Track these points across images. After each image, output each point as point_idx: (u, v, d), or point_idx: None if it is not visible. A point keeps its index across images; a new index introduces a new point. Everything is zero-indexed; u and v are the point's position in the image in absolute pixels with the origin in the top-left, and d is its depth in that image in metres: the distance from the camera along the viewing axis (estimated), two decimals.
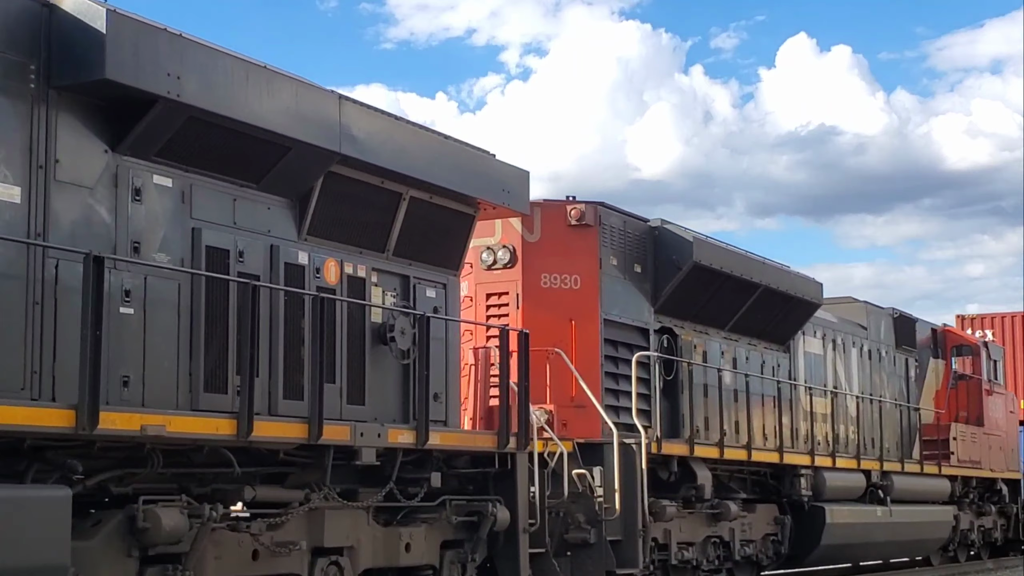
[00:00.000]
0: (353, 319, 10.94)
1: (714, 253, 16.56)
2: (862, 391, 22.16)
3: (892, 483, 21.52)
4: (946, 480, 24.02)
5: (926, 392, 25.42)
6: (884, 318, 23.63)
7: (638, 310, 15.79)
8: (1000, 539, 27.73)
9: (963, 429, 25.25)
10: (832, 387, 21.02)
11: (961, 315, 35.49)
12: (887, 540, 21.27)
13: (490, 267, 14.92)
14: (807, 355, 20.37)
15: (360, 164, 10.82)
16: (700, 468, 15.86)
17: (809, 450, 18.85)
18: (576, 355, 14.67)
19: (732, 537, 16.90)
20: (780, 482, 18.45)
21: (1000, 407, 27.61)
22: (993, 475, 26.67)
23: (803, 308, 19.26)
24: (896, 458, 22.20)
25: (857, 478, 20.34)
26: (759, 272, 17.74)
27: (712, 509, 16.34)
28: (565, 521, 13.87)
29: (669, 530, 15.36)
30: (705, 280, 16.56)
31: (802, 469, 18.43)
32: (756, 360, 18.65)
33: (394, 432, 10.71)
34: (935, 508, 23.44)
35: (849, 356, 21.91)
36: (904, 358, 24.30)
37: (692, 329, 17.01)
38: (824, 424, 20.02)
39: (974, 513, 26.14)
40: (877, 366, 22.99)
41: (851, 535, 19.74)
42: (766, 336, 18.93)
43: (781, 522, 18.22)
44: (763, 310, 18.34)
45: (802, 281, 19.17)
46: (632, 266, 15.71)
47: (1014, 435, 28.55)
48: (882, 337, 23.32)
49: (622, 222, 15.61)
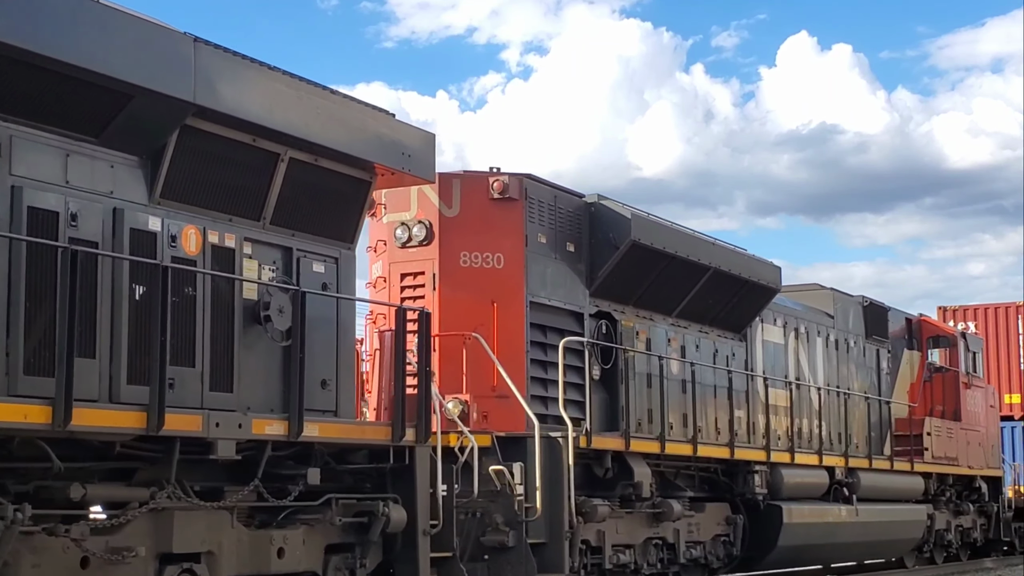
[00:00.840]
0: (219, 295, 9.68)
1: (655, 231, 15.30)
2: (828, 383, 20.92)
3: (859, 480, 20.28)
4: (919, 477, 22.78)
5: (899, 385, 24.17)
6: (853, 306, 22.38)
7: (571, 292, 14.54)
8: (980, 539, 26.48)
9: (938, 424, 24.01)
10: (794, 378, 19.78)
11: (943, 306, 34.26)
12: (853, 541, 20.03)
13: (405, 245, 13.66)
14: (766, 344, 19.13)
15: (224, 118, 9.56)
16: (638, 464, 14.61)
17: (764, 445, 17.59)
18: (498, 341, 13.43)
19: (677, 539, 15.65)
20: (733, 479, 17.20)
21: (979, 401, 26.36)
22: (971, 472, 25.42)
23: (759, 293, 18.01)
24: (864, 454, 20.96)
25: (819, 475, 19.10)
26: (708, 253, 16.48)
27: (653, 509, 15.10)
28: (483, 522, 12.63)
29: (603, 531, 14.12)
30: (646, 261, 15.31)
31: (756, 465, 17.18)
32: (708, 349, 17.40)
33: (260, 422, 9.45)
34: (907, 507, 22.21)
35: (814, 346, 20.66)
36: (875, 349, 23.05)
37: (634, 314, 15.76)
38: (784, 418, 18.77)
39: (951, 512, 24.91)
40: (845, 357, 21.75)
41: (812, 536, 18.49)
42: (719, 323, 17.68)
43: (733, 522, 16.97)
44: (714, 295, 17.09)
45: (758, 265, 17.92)
46: (564, 245, 14.46)
47: (994, 430, 27.31)
48: (851, 326, 22.08)
49: (552, 196, 14.35)
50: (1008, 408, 33.03)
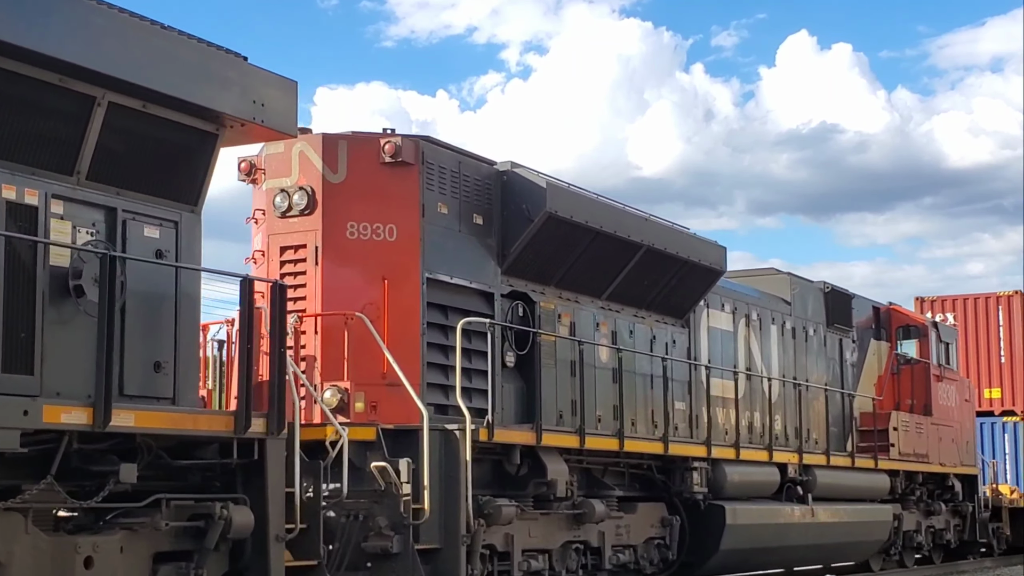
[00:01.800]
0: (15, 260, 8.26)
1: (574, 203, 13.85)
2: (783, 374, 19.51)
3: (815, 478, 18.85)
4: (884, 475, 21.35)
5: (866, 377, 22.76)
6: (813, 293, 20.95)
7: (479, 270, 13.10)
8: (954, 540, 25.07)
9: (906, 418, 22.58)
10: (744, 368, 18.36)
11: (920, 297, 32.82)
12: (808, 543, 18.60)
13: (284, 214, 12.21)
14: (712, 331, 17.71)
15: (20, 52, 8.14)
16: (553, 460, 13.18)
17: (705, 440, 16.16)
18: (389, 322, 11.99)
19: (602, 542, 14.23)
20: (670, 477, 15.78)
21: (952, 395, 24.94)
22: (943, 470, 24.00)
23: (702, 276, 16.58)
24: (823, 450, 19.53)
25: (768, 472, 17.67)
26: (639, 230, 15.04)
27: (574, 509, 13.68)
28: (366, 526, 11.21)
29: (511, 535, 12.69)
30: (567, 236, 13.88)
31: (695, 462, 15.75)
32: (644, 335, 15.98)
33: (54, 409, 8.02)
34: (870, 507, 20.78)
35: (767, 334, 19.24)
36: (838, 339, 21.63)
37: (556, 296, 14.33)
38: (732, 410, 17.35)
39: (922, 512, 23.50)
40: (803, 346, 20.32)
41: (760, 538, 17.07)
42: (658, 307, 16.25)
43: (669, 524, 15.54)
44: (650, 276, 15.67)
45: (699, 244, 16.48)
46: (470, 216, 13.02)
47: (969, 426, 25.89)
48: (810, 314, 20.65)
49: (456, 162, 12.90)
50: (988, 403, 31.61)
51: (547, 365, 13.96)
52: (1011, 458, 31.19)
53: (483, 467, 12.84)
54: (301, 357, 11.87)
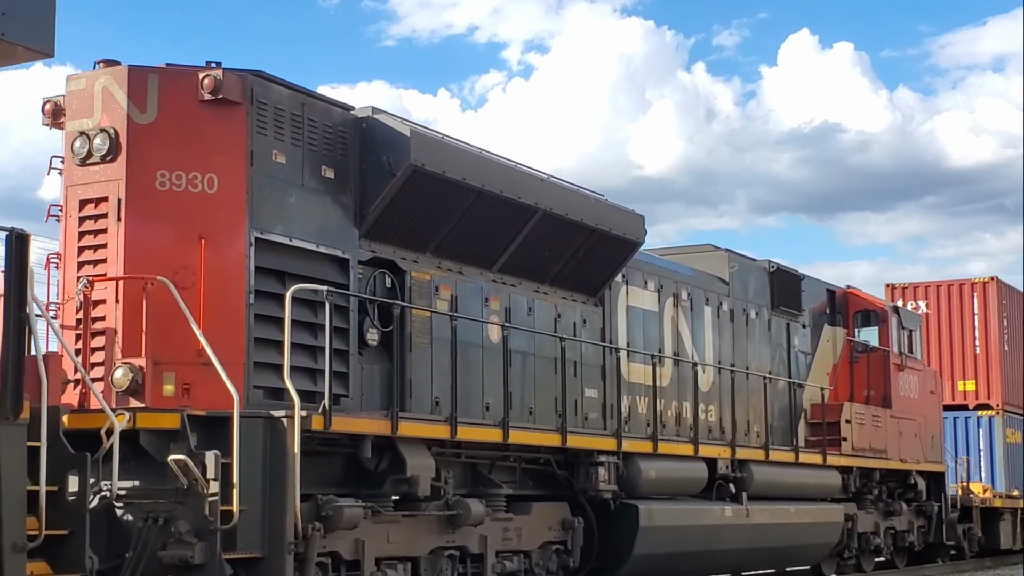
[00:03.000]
0: None
1: (447, 156, 12.00)
2: (719, 360, 17.68)
3: (751, 475, 17.02)
4: (835, 472, 19.52)
5: (818, 366, 20.93)
6: (755, 272, 19.12)
7: (329, 231, 11.24)
8: (918, 543, 23.23)
9: (860, 410, 20.76)
10: (671, 353, 16.54)
11: (891, 284, 31.03)
12: (742, 546, 16.76)
13: (84, 161, 10.34)
14: (632, 311, 15.88)
15: None
16: (416, 453, 11.33)
17: (615, 431, 14.31)
18: (205, 289, 10.16)
19: (484, 548, 12.40)
20: (573, 473, 13.95)
21: (915, 385, 23.11)
22: (904, 467, 22.15)
23: (615, 247, 14.75)
24: (762, 444, 17.69)
25: (694, 468, 15.82)
26: (534, 192, 13.21)
27: (447, 510, 11.85)
28: (165, 531, 9.37)
29: (361, 541, 10.85)
30: (440, 195, 12.04)
31: (602, 456, 13.90)
32: (546, 313, 14.15)
33: None
34: (818, 506, 18.95)
35: (700, 315, 17.41)
36: (785, 323, 19.79)
37: (434, 265, 12.50)
38: (656, 399, 15.49)
39: (881, 513, 21.68)
40: (743, 330, 18.50)
41: (682, 541, 15.24)
42: (564, 282, 14.43)
43: (571, 526, 13.70)
44: (551, 246, 13.84)
45: (611, 212, 14.64)
46: (318, 169, 11.16)
47: (935, 419, 24.05)
48: (752, 295, 18.82)
49: (298, 104, 11.02)
50: (962, 396, 29.85)
51: (420, 345, 12.14)
52: (985, 455, 29.40)
53: (332, 462, 11.03)
54: (99, 330, 10.03)
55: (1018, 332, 30.80)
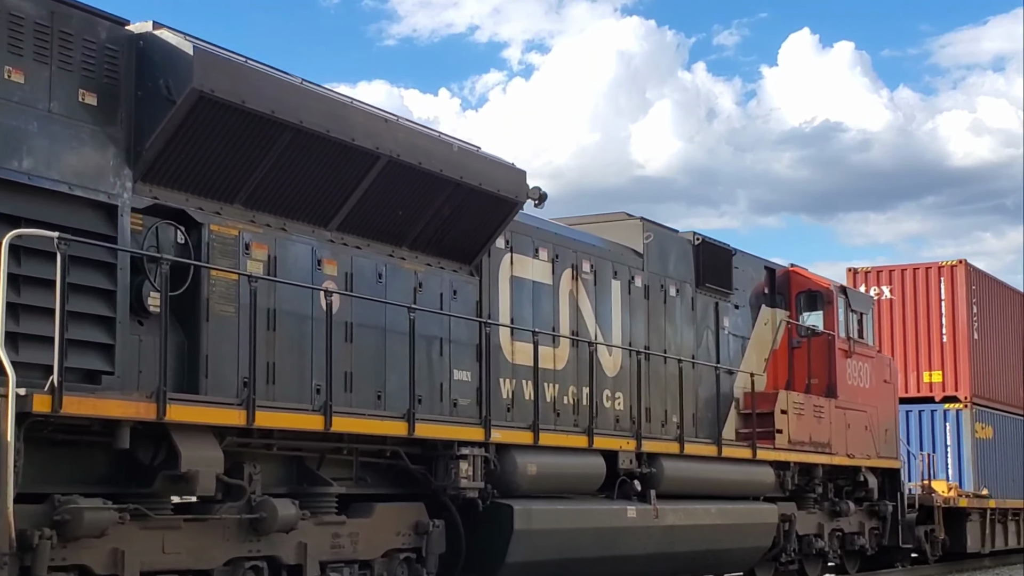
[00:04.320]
0: None
1: (249, 84, 9.91)
2: (631, 341, 15.65)
3: (661, 471, 15.00)
4: (768, 468, 17.50)
5: (754, 350, 18.90)
6: (677, 245, 17.08)
7: (89, 170, 9.14)
8: (871, 546, 21.20)
9: (799, 400, 18.73)
10: (569, 331, 14.51)
11: (853, 268, 29.00)
12: (650, 552, 14.75)
13: None
14: (519, 282, 13.84)
15: None
16: (196, 444, 9.23)
17: (483, 418, 12.25)
18: None
19: (303, 557, 10.35)
20: (432, 469, 11.92)
21: (866, 374, 21.08)
22: (852, 462, 20.13)
23: (487, 207, 12.71)
24: (677, 436, 15.65)
25: (589, 463, 13.78)
26: (372, 134, 11.14)
27: (251, 513, 9.80)
28: None
29: (120, 551, 8.80)
30: (245, 132, 9.98)
31: (464, 448, 11.86)
32: (403, 281, 12.10)
33: None
34: (746, 506, 16.93)
35: (606, 291, 15.37)
36: (713, 302, 17.77)
37: (246, 219, 10.44)
38: (536, 382, 13.43)
39: (826, 513, 19.65)
40: (661, 309, 16.46)
41: (570, 546, 13.22)
42: (428, 246, 12.39)
43: (425, 530, 11.66)
44: (405, 202, 11.79)
45: (481, 164, 12.59)
46: (75, 93, 9.06)
47: (890, 411, 22.01)
48: (671, 270, 16.78)
49: (45, 11, 8.87)
50: (928, 388, 27.80)
51: (222, 314, 10.08)
52: (952, 451, 27.37)
53: (88, 455, 8.97)
54: None
55: (989, 319, 28.74)
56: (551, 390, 14.08)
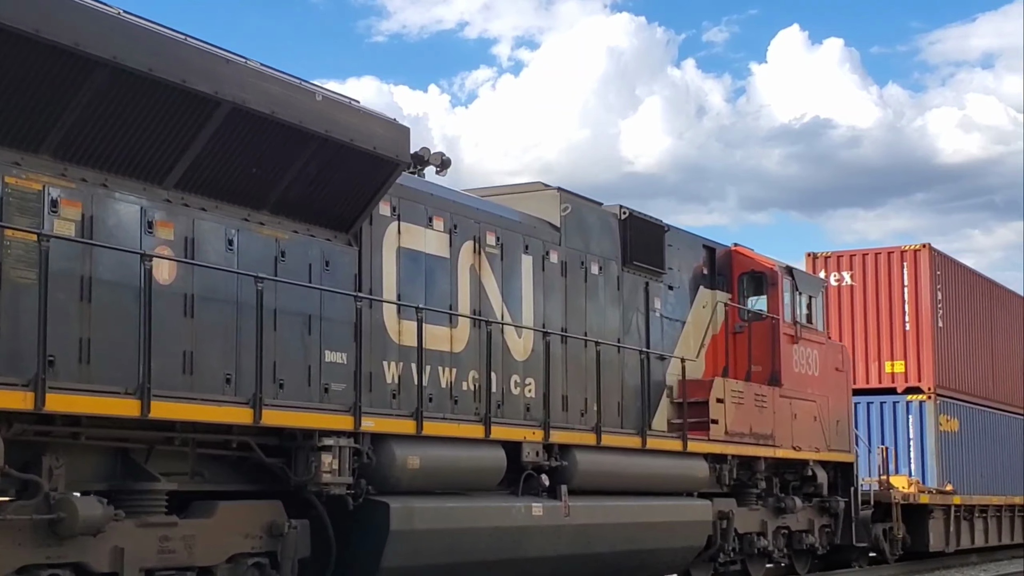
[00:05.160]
0: None
1: (46, 10, 8.47)
2: (545, 322, 14.26)
3: (573, 464, 13.63)
4: (701, 461, 16.13)
5: (691, 334, 17.51)
6: (600, 218, 15.68)
7: None
8: (822, 545, 19.86)
9: (738, 388, 17.35)
10: (470, 310, 13.11)
11: (812, 252, 27.62)
12: (561, 553, 13.37)
13: None
14: (407, 254, 12.43)
15: None
16: None
17: (351, 406, 10.82)
18: None
19: (120, 565, 8.91)
20: (291, 462, 10.50)
21: (815, 361, 19.72)
22: (798, 455, 18.77)
23: (362, 166, 11.27)
24: (594, 426, 14.25)
25: (485, 456, 12.37)
26: (210, 76, 9.69)
27: (45, 513, 8.37)
28: None
29: None
30: (44, 69, 8.55)
31: (326, 438, 10.44)
32: (259, 248, 10.67)
33: None
34: (674, 503, 15.55)
35: (515, 266, 13.97)
36: (643, 282, 16.38)
37: (56, 172, 8.99)
38: (420, 365, 12.00)
39: (770, 510, 18.30)
40: (580, 288, 15.07)
41: (462, 549, 11.82)
42: (291, 210, 10.96)
43: (279, 531, 10.23)
44: (257, 158, 10.36)
45: (352, 117, 11.13)
46: None
47: (842, 401, 20.65)
48: (593, 246, 15.39)
49: None
50: (890, 378, 26.42)
51: (20, 282, 8.65)
52: (915, 444, 26.00)
53: None
54: None
55: (954, 306, 27.39)
56: (447, 375, 12.68)
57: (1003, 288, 30.98)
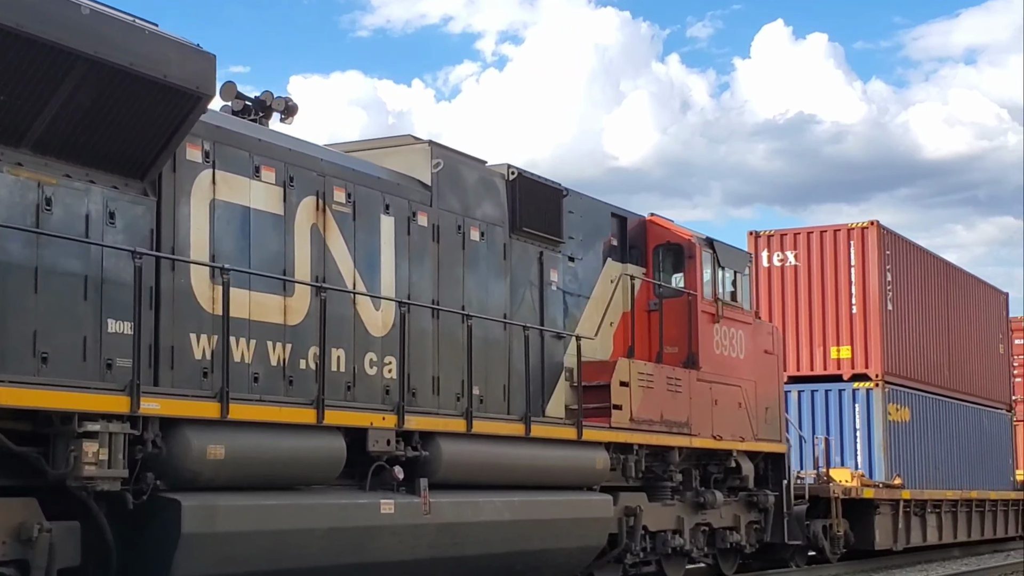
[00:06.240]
0: None
1: None
2: (411, 293, 12.45)
3: (438, 454, 11.83)
4: (600, 451, 14.35)
5: (596, 311, 15.73)
6: (482, 179, 13.84)
7: None
8: (750, 543, 18.12)
9: (647, 371, 15.57)
10: (312, 277, 11.28)
11: (754, 231, 25.87)
12: (420, 556, 11.56)
13: None
14: (224, 208, 10.58)
15: None
16: None
17: (127, 385, 8.97)
18: None
19: None
20: (50, 450, 8.68)
21: (740, 342, 17.95)
22: (720, 445, 17.02)
23: (153, 99, 9.41)
24: (468, 410, 12.43)
25: (318, 445, 10.54)
26: None
27: None
28: None
29: None
30: None
31: (89, 422, 8.60)
32: (13, 194, 8.81)
33: None
34: (566, 497, 13.77)
35: (372, 229, 12.14)
36: (537, 252, 14.58)
37: None
38: (224, 338, 10.18)
39: (688, 505, 16.56)
40: (457, 256, 13.25)
41: (285, 553, 10.00)
42: (59, 149, 9.10)
43: (29, 535, 8.40)
44: (2, 82, 8.53)
45: (137, 38, 9.27)
46: None
47: (772, 386, 18.85)
48: (474, 209, 13.57)
49: None
50: (836, 364, 24.71)
51: None
52: (862, 434, 24.27)
53: None
54: None
55: (905, 288, 25.68)
56: (279, 351, 10.86)
57: (959, 270, 29.29)
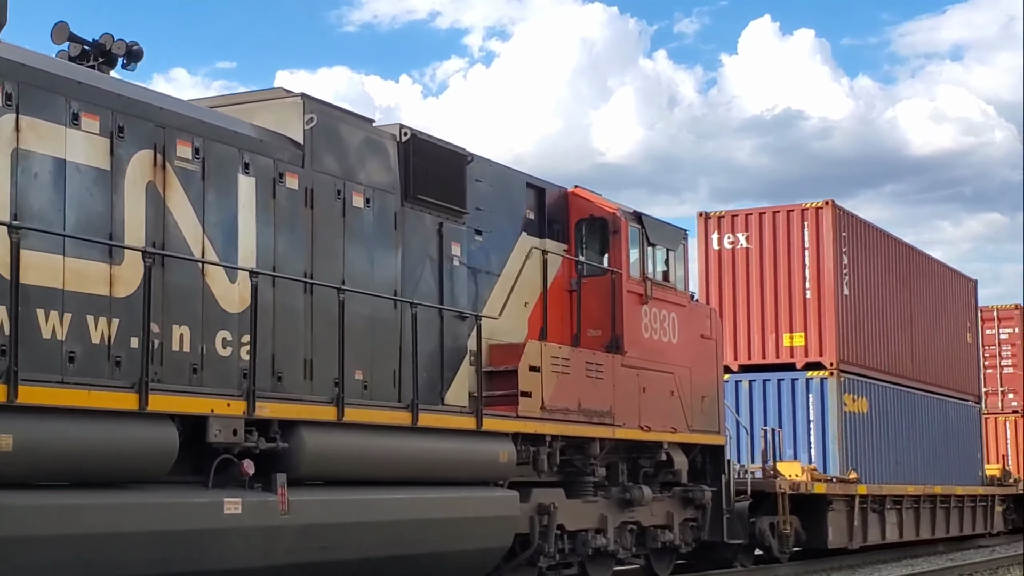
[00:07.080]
0: None
1: None
2: (276, 265, 11.00)
3: (301, 446, 10.40)
4: (506, 442, 12.95)
5: (506, 289, 14.30)
6: (367, 139, 12.36)
7: None
8: (686, 542, 16.74)
9: (561, 355, 14.17)
10: (149, 243, 9.82)
11: (704, 212, 24.49)
12: (278, 563, 10.12)
13: None
14: (32, 160, 9.11)
15: None
16: None
17: None
18: None
19: None
20: None
21: (672, 326, 16.55)
22: (648, 436, 15.62)
23: None
24: (332, 397, 11.00)
25: (139, 435, 9.09)
26: None
27: None
28: None
29: None
30: None
31: None
32: None
33: None
34: (463, 494, 12.34)
35: (227, 190, 10.67)
36: (437, 223, 13.14)
37: None
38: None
39: (614, 502, 15.16)
40: (336, 224, 11.79)
41: (94, 562, 8.55)
42: None
43: None
44: None
45: None
46: None
47: (709, 373, 17.47)
48: (357, 172, 12.10)
49: None
50: (788, 352, 23.35)
51: None
52: (816, 426, 22.92)
53: None
54: None
55: (863, 272, 24.35)
56: (103, 326, 9.40)
57: (924, 255, 27.98)
